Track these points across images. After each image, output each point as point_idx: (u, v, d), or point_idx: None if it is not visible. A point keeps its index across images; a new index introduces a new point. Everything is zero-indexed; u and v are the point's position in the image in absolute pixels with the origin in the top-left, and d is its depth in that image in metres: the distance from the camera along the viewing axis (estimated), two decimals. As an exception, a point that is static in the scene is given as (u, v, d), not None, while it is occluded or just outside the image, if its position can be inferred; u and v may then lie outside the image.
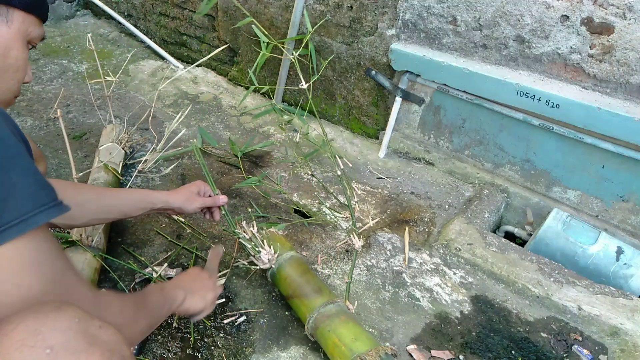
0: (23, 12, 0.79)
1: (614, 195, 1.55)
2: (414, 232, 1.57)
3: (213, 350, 1.12)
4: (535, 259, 1.43)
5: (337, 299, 1.13)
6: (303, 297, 1.14)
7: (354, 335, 1.03)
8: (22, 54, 0.80)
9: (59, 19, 2.89)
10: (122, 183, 1.59)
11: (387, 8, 1.76)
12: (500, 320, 1.28)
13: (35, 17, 0.82)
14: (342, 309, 1.11)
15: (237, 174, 1.77)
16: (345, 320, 1.07)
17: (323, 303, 1.11)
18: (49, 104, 2.07)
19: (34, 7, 0.81)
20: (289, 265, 1.21)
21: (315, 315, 1.09)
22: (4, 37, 0.77)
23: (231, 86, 2.41)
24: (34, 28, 0.82)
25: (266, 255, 1.20)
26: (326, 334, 1.06)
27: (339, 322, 1.06)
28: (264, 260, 1.21)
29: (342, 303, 1.14)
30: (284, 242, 1.29)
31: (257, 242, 1.23)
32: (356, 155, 1.96)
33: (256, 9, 2.13)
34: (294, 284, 1.18)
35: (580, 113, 1.43)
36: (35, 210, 0.60)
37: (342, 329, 1.05)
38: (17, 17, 0.78)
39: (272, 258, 1.21)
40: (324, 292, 1.15)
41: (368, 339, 1.03)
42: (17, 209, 0.59)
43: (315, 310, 1.10)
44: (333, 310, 1.09)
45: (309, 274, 1.20)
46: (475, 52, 1.65)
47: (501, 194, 1.73)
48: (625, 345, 1.21)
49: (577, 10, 1.40)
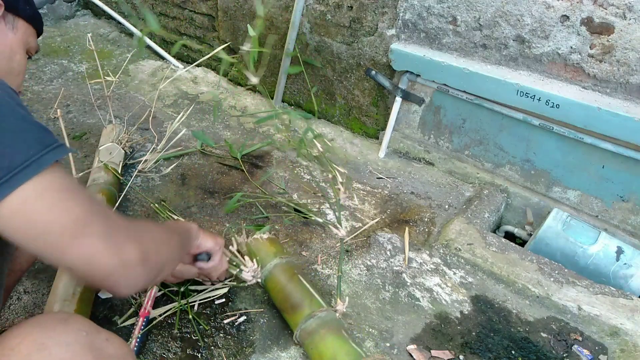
0: (26, 22, 0.87)
1: (614, 195, 1.55)
2: (414, 232, 1.57)
3: (213, 350, 1.12)
4: (535, 259, 1.43)
5: (319, 309, 1.10)
6: (288, 312, 1.14)
7: (332, 353, 1.01)
8: (23, 60, 0.87)
9: (59, 19, 2.89)
10: (122, 183, 1.59)
11: (387, 8, 1.76)
12: (500, 320, 1.28)
13: (34, 29, 0.90)
14: (322, 320, 1.08)
15: (237, 174, 1.77)
16: (324, 335, 1.05)
17: (303, 318, 1.09)
18: (49, 104, 2.07)
19: (35, 20, 0.90)
20: (273, 276, 1.19)
21: (299, 333, 1.09)
22: (10, 42, 0.84)
23: (231, 86, 2.41)
24: (33, 39, 0.90)
25: (249, 273, 1.17)
26: (310, 351, 1.06)
27: (319, 339, 1.05)
28: (247, 278, 1.17)
29: (325, 312, 1.10)
30: (268, 248, 1.25)
31: (237, 260, 1.19)
32: (356, 155, 1.96)
33: (256, 9, 2.14)
34: (279, 297, 1.17)
35: (580, 113, 1.43)
36: (43, 150, 0.61)
37: (321, 346, 1.03)
38: (21, 26, 0.86)
39: (256, 272, 1.18)
40: (306, 302, 1.12)
41: (347, 355, 1.00)
42: (26, 151, 0.59)
43: (297, 327, 1.09)
44: (313, 325, 1.07)
45: (292, 283, 1.16)
46: (475, 52, 1.65)
47: (501, 194, 1.73)
48: (625, 345, 1.22)
49: (577, 10, 1.40)
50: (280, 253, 1.26)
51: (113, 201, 1.43)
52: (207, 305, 1.23)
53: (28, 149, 0.60)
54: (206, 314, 1.21)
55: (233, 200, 1.42)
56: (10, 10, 0.82)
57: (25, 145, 0.60)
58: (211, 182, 1.72)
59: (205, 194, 1.65)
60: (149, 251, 0.68)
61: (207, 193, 1.66)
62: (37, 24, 0.90)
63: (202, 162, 1.82)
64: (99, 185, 1.45)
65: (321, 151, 1.18)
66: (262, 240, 1.28)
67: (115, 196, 1.46)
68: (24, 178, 0.58)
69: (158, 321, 1.17)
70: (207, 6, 2.36)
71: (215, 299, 1.24)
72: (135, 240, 0.67)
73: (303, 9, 1.98)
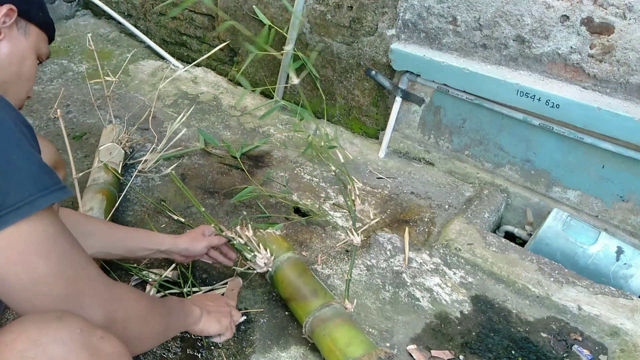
0: (38, 28, 0.88)
1: (614, 195, 1.55)
2: (414, 232, 1.57)
3: (213, 350, 1.12)
4: (535, 259, 1.43)
5: (333, 301, 1.13)
6: (299, 300, 1.14)
7: (348, 339, 1.02)
8: (33, 65, 0.88)
9: (59, 19, 2.89)
10: (122, 183, 1.59)
11: (387, 8, 1.76)
12: (500, 320, 1.28)
13: (47, 35, 0.91)
14: (337, 311, 1.10)
15: (237, 174, 1.77)
16: (340, 323, 1.06)
17: (319, 306, 1.10)
18: (49, 104, 2.07)
19: (47, 26, 0.90)
20: (286, 268, 1.20)
21: (311, 319, 1.09)
22: (22, 47, 0.84)
23: (231, 86, 2.41)
24: (44, 45, 0.91)
25: (262, 260, 1.19)
26: (322, 338, 1.06)
27: (334, 326, 1.05)
28: (260, 264, 1.19)
29: (339, 305, 1.13)
30: (281, 242, 1.28)
31: (252, 246, 1.20)
32: (356, 155, 1.96)
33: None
34: (290, 287, 1.17)
35: (580, 113, 1.43)
36: (38, 193, 0.60)
37: (336, 333, 1.04)
38: (33, 32, 0.86)
39: (269, 261, 1.20)
40: (320, 294, 1.14)
41: (362, 343, 1.01)
42: (20, 192, 0.58)
43: (311, 314, 1.09)
44: (328, 314, 1.08)
45: (306, 276, 1.19)
46: (475, 52, 1.65)
47: (501, 194, 1.73)
48: (625, 345, 1.22)
49: (577, 10, 1.40)
50: (292, 250, 1.28)
51: (113, 201, 1.43)
52: (207, 305, 1.23)
53: (25, 189, 0.59)
54: (206, 314, 1.21)
55: (245, 191, 1.45)
56: (22, 16, 0.83)
57: (23, 185, 0.59)
58: (211, 182, 1.72)
59: (205, 194, 1.65)
60: (115, 323, 0.67)
61: (207, 193, 1.66)
62: (49, 30, 0.91)
63: (202, 162, 1.82)
64: (99, 185, 1.45)
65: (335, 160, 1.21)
66: (276, 235, 1.31)
67: (115, 196, 1.46)
68: (12, 220, 0.58)
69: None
70: (207, 6, 2.36)
71: (215, 299, 1.24)
72: (102, 307, 0.66)
73: (303, 9, 1.98)
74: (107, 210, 1.37)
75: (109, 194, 1.43)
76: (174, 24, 2.57)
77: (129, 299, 0.73)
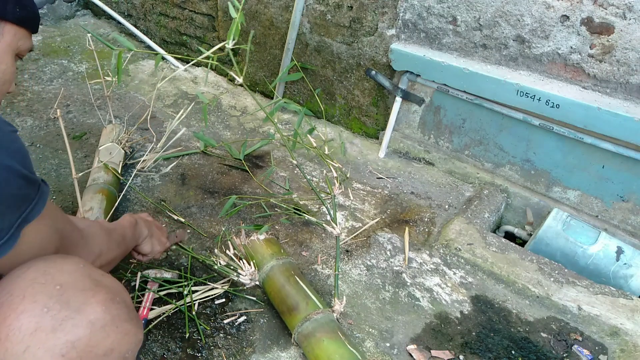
0: (15, 25, 0.78)
1: (614, 195, 1.55)
2: (414, 232, 1.57)
3: (213, 350, 1.12)
4: (535, 259, 1.43)
5: (317, 310, 1.11)
6: (285, 314, 1.15)
7: (327, 356, 1.02)
8: (10, 68, 0.80)
9: (59, 19, 2.89)
10: (122, 183, 1.59)
11: (387, 8, 1.76)
12: (500, 320, 1.28)
13: (26, 30, 0.82)
14: (318, 323, 1.08)
15: (237, 174, 1.77)
16: (320, 338, 1.05)
17: (300, 321, 1.09)
18: (49, 104, 2.07)
19: (26, 21, 0.80)
20: (270, 279, 1.20)
21: (296, 335, 1.10)
22: None
23: (231, 86, 2.41)
24: (25, 41, 0.82)
25: (246, 276, 1.19)
26: (307, 354, 1.07)
27: (315, 342, 1.05)
28: (245, 281, 1.19)
29: (321, 314, 1.10)
30: (265, 250, 1.26)
31: (234, 264, 1.20)
32: (356, 155, 1.96)
33: (256, 9, 2.13)
34: (276, 300, 1.18)
35: (580, 113, 1.43)
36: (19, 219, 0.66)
37: (317, 350, 1.04)
38: (8, 31, 0.77)
39: (254, 275, 1.20)
40: (302, 305, 1.12)
41: (342, 358, 1.01)
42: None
43: (295, 330, 1.10)
44: (309, 328, 1.08)
45: (289, 285, 1.16)
46: (475, 52, 1.65)
47: (501, 194, 1.73)
48: (625, 345, 1.22)
49: (577, 10, 1.40)
50: (278, 254, 1.26)
51: (113, 201, 1.43)
52: (207, 305, 1.23)
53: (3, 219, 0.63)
54: (206, 314, 1.21)
55: (228, 204, 1.33)
56: None
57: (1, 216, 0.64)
58: (211, 182, 1.72)
59: (205, 194, 1.65)
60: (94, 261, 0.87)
61: (207, 193, 1.66)
62: (29, 24, 0.82)
63: (202, 162, 1.82)
64: (99, 185, 1.45)
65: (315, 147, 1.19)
66: (259, 242, 1.28)
67: (115, 196, 1.46)
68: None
69: (158, 321, 1.17)
70: (207, 6, 2.36)
71: (215, 299, 1.24)
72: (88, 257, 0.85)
73: (303, 9, 1.98)
74: (107, 210, 1.37)
75: (108, 194, 1.43)
76: (174, 24, 2.57)
77: (99, 240, 0.91)
